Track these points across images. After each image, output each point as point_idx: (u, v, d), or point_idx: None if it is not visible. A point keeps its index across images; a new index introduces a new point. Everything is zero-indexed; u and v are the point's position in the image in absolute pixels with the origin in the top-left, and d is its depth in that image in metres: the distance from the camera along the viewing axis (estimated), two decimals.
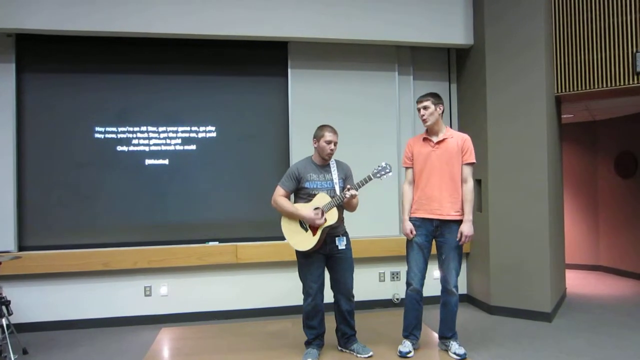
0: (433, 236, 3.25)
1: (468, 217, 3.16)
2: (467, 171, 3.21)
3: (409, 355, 3.20)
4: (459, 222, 3.19)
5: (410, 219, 3.27)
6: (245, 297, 4.45)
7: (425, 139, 3.29)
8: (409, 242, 3.27)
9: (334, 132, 3.18)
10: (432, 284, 3.74)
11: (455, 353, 3.19)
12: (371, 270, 4.65)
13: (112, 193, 4.33)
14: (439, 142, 3.23)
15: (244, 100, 4.56)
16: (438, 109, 3.23)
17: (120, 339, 3.89)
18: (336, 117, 4.38)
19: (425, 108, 3.23)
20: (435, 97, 3.26)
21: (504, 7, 4.31)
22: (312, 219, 3.04)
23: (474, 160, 3.24)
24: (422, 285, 3.24)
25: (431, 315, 3.85)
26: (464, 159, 3.20)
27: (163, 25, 4.09)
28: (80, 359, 3.46)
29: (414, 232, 3.23)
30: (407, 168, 3.37)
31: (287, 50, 4.57)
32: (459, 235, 3.15)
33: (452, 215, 3.18)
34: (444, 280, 3.25)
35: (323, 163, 3.22)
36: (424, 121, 3.25)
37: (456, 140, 3.22)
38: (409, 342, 3.26)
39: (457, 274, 3.23)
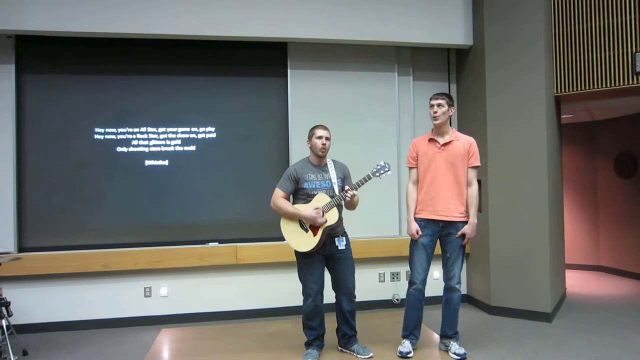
0: (438, 236, 3.27)
1: (472, 219, 3.20)
2: (472, 174, 3.23)
3: (409, 356, 3.20)
4: (464, 223, 3.22)
5: (415, 220, 3.28)
6: (245, 298, 4.45)
7: (431, 140, 3.29)
8: (414, 242, 3.28)
9: (325, 128, 3.22)
10: (433, 284, 3.75)
11: (455, 353, 3.19)
12: (371, 270, 4.65)
13: (112, 194, 4.33)
14: (445, 144, 3.24)
15: (244, 101, 4.56)
16: (450, 111, 3.25)
17: (121, 340, 3.89)
18: (336, 117, 4.39)
19: (439, 106, 3.22)
20: (450, 99, 3.29)
21: (503, 7, 4.32)
22: (314, 218, 3.04)
23: (479, 164, 3.27)
24: (424, 285, 3.26)
25: (431, 316, 3.85)
26: (469, 162, 3.22)
27: (162, 26, 4.09)
28: None
29: (420, 233, 3.24)
30: (411, 168, 3.38)
31: (287, 50, 4.58)
32: (459, 234, 3.20)
33: (457, 216, 3.21)
34: (448, 278, 3.27)
35: (320, 162, 3.23)
36: (435, 118, 3.23)
37: (462, 143, 3.24)
38: (408, 342, 3.27)
39: (460, 272, 3.27)
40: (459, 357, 3.17)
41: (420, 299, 3.26)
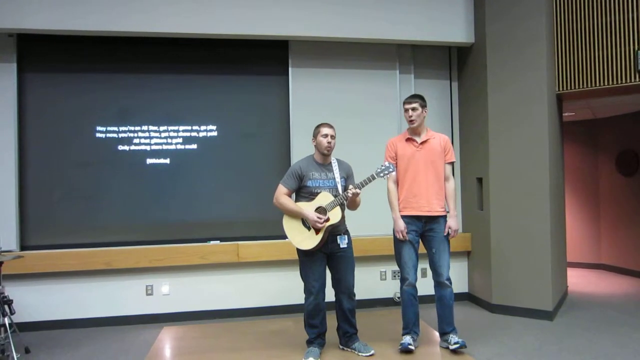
0: (421, 232, 3.33)
1: (454, 212, 3.34)
2: (449, 169, 3.39)
3: (410, 347, 3.22)
4: (445, 216, 3.33)
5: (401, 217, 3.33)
6: (246, 296, 4.46)
7: (408, 140, 3.37)
8: (400, 239, 3.31)
9: (330, 126, 3.23)
10: (430, 282, 3.75)
11: (455, 342, 3.22)
12: (372, 269, 4.65)
13: (114, 192, 4.33)
14: (422, 143, 3.34)
15: (245, 99, 4.56)
16: (424, 112, 3.37)
17: (122, 338, 3.90)
18: (337, 115, 4.38)
19: (414, 109, 3.32)
20: (422, 100, 3.38)
21: (505, 4, 4.30)
22: (314, 222, 3.04)
23: (455, 159, 3.46)
24: (416, 280, 3.33)
25: (431, 314, 3.85)
26: (446, 158, 3.37)
27: (164, 24, 4.09)
28: (82, 358, 3.47)
29: (406, 230, 3.29)
30: None
31: (288, 49, 4.57)
32: (446, 230, 3.28)
33: (439, 211, 3.31)
34: (437, 275, 3.30)
35: (324, 161, 3.23)
36: (412, 122, 3.33)
37: (438, 140, 3.37)
38: (409, 337, 3.29)
39: (449, 267, 3.31)
40: (458, 345, 3.19)
41: (415, 294, 3.32)
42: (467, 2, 4.62)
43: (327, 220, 3.06)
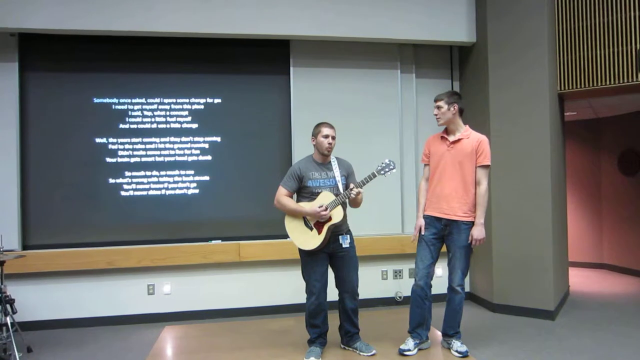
0: (442, 235, 3.24)
1: (479, 220, 3.13)
2: (481, 174, 3.15)
3: (406, 354, 3.20)
4: (468, 223, 3.16)
5: (424, 216, 3.29)
6: (248, 296, 4.46)
7: (442, 138, 3.29)
8: (419, 238, 3.29)
9: (331, 126, 3.20)
10: (437, 282, 3.75)
11: (457, 351, 3.20)
12: (374, 268, 4.65)
13: (115, 191, 4.33)
14: (454, 142, 3.21)
15: (246, 98, 4.56)
16: (452, 109, 3.20)
17: (124, 337, 3.90)
18: (338, 115, 4.38)
19: (438, 108, 3.23)
20: (450, 96, 3.24)
21: (506, 4, 4.30)
22: (317, 214, 3.04)
23: (489, 163, 3.17)
24: (426, 282, 3.23)
25: (435, 313, 3.84)
26: (477, 161, 3.15)
27: (165, 24, 4.09)
28: (84, 357, 3.47)
29: (423, 228, 3.25)
30: (425, 165, 3.40)
31: (289, 48, 4.57)
32: (470, 238, 3.14)
33: (460, 216, 3.15)
34: (449, 279, 3.26)
35: (324, 160, 3.22)
36: (438, 120, 3.26)
37: (471, 141, 3.17)
38: (411, 341, 3.25)
39: (464, 274, 3.22)
40: (461, 355, 3.17)
41: (422, 295, 3.23)
42: (468, 1, 4.61)
43: (329, 217, 3.06)
